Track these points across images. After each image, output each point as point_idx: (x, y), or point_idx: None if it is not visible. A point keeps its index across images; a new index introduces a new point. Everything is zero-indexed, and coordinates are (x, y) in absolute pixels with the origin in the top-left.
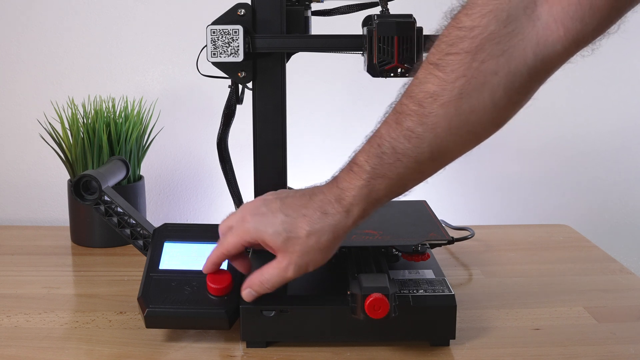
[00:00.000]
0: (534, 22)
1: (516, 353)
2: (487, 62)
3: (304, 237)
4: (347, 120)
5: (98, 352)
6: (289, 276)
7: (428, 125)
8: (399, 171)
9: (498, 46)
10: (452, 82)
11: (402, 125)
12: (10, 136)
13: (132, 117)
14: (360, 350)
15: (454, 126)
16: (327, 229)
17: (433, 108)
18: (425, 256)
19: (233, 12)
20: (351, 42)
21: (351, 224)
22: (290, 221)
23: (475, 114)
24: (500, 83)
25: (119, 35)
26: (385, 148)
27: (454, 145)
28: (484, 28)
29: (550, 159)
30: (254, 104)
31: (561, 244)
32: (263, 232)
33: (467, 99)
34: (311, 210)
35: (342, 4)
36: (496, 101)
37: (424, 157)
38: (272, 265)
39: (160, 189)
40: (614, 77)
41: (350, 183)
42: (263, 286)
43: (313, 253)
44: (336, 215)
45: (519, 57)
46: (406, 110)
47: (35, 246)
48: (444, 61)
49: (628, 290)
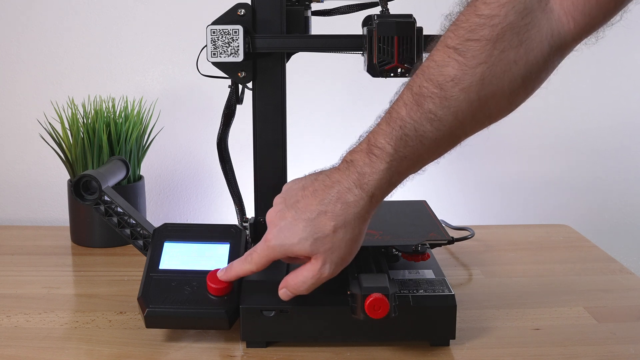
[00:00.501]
0: (547, 15)
1: (516, 353)
2: (507, 51)
3: (331, 234)
4: (347, 120)
5: (98, 352)
6: (326, 275)
7: (450, 108)
8: (420, 152)
9: (517, 37)
10: (474, 68)
11: (423, 107)
12: (10, 136)
13: (132, 117)
14: (360, 350)
15: (474, 110)
16: (352, 219)
17: (454, 92)
18: (425, 256)
19: (233, 12)
20: (351, 42)
21: (374, 209)
22: (312, 224)
23: (493, 99)
24: (520, 72)
25: (119, 35)
26: (407, 130)
27: (470, 127)
28: (503, 18)
29: (550, 159)
30: (254, 104)
31: (561, 244)
32: (289, 246)
33: (488, 86)
34: (330, 205)
35: (342, 4)
36: (514, 89)
37: (443, 138)
38: (307, 268)
39: (160, 189)
40: (614, 77)
41: (372, 167)
42: (298, 289)
43: (345, 246)
44: (359, 202)
45: (537, 48)
46: (426, 92)
47: (35, 246)
48: (464, 46)
49: (628, 290)
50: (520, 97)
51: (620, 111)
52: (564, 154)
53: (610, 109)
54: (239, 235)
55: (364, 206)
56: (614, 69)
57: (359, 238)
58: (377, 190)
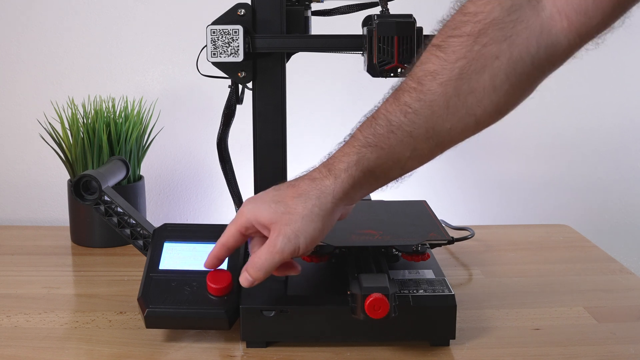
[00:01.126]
0: (538, 12)
1: (516, 353)
2: (489, 46)
3: (291, 204)
4: (347, 120)
5: (98, 352)
6: (278, 249)
7: (425, 101)
8: (391, 143)
9: (501, 32)
10: (453, 63)
11: (400, 100)
12: (10, 136)
13: (132, 117)
14: (360, 350)
15: (452, 105)
16: (312, 193)
17: (432, 86)
18: (425, 256)
19: (233, 12)
20: (351, 42)
21: (340, 190)
22: (279, 194)
23: (474, 95)
24: (502, 68)
25: (119, 35)
26: (379, 120)
27: (451, 126)
28: (487, 14)
29: (550, 159)
30: (254, 104)
31: (561, 244)
32: (256, 210)
33: (467, 80)
34: (300, 180)
35: (342, 4)
36: (497, 85)
37: (418, 133)
38: (264, 244)
39: (160, 189)
40: (614, 76)
41: (342, 152)
42: (255, 267)
43: (301, 220)
44: (323, 179)
45: (522, 44)
46: (405, 87)
47: (35, 246)
48: (446, 43)
49: (628, 290)
50: (508, 98)
51: (620, 111)
52: (564, 154)
53: (610, 108)
54: None
55: (327, 185)
56: (614, 68)
57: (319, 219)
58: (342, 172)
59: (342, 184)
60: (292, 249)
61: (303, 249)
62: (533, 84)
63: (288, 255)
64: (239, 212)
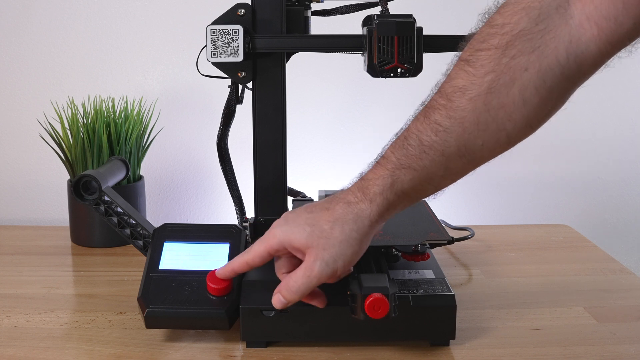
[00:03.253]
0: (566, 21)
1: (516, 353)
2: (517, 58)
3: (327, 229)
4: (347, 120)
5: (98, 352)
6: (315, 273)
7: (455, 119)
8: (424, 164)
9: (529, 43)
10: (481, 77)
11: (430, 118)
12: (10, 136)
13: (132, 117)
14: (360, 350)
15: (483, 121)
16: (349, 217)
17: (461, 102)
18: (425, 256)
19: (233, 12)
20: (351, 42)
21: (376, 214)
22: (313, 217)
23: (504, 110)
24: (531, 80)
25: (119, 35)
26: (411, 140)
27: (483, 142)
28: (514, 25)
29: (550, 159)
30: (254, 104)
31: (561, 244)
32: (289, 233)
33: (497, 95)
34: (334, 203)
35: (342, 4)
36: (527, 99)
37: (450, 151)
38: (300, 267)
39: (160, 189)
40: (614, 76)
41: (375, 174)
42: (290, 290)
43: (339, 245)
44: (359, 203)
45: (551, 54)
46: (435, 104)
47: (35, 246)
48: (474, 56)
49: (628, 290)
50: (538, 112)
51: (620, 111)
52: (564, 154)
53: (610, 108)
54: (238, 235)
55: (363, 209)
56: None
57: (356, 242)
58: (377, 196)
59: (377, 208)
60: (329, 273)
61: (340, 273)
62: (564, 95)
63: (325, 280)
64: (271, 233)
